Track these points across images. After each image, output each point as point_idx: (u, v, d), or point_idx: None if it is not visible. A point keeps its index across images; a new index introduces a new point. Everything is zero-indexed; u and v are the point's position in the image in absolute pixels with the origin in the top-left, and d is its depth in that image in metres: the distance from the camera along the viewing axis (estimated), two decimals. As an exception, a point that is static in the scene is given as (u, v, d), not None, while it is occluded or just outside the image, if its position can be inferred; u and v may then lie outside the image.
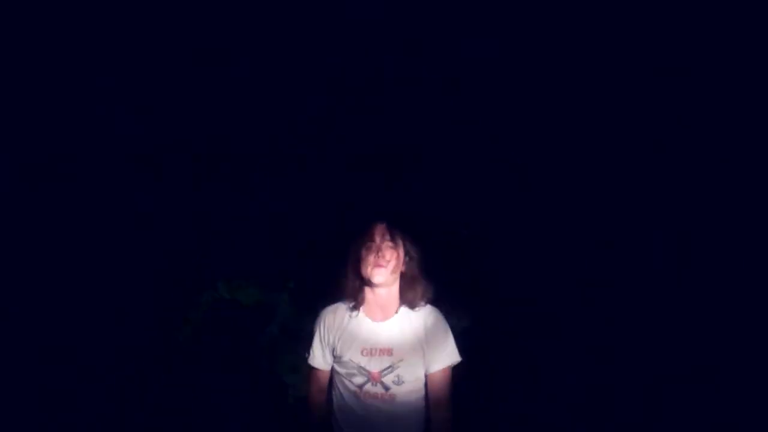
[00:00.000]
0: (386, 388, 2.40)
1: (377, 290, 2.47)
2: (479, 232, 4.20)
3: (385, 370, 2.41)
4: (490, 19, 4.31)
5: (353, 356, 2.44)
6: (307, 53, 4.39)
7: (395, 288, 2.48)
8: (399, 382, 2.40)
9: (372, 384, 2.41)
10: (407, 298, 2.50)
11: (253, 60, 4.40)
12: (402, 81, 4.38)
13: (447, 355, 2.47)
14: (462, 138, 4.32)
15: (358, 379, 2.43)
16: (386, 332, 2.44)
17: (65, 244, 4.28)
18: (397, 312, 2.48)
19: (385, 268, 2.42)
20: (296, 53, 4.40)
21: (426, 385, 2.48)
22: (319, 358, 2.54)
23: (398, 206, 4.19)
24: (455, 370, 2.54)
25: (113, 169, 4.36)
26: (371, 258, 2.43)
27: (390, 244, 2.44)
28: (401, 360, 2.41)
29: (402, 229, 2.51)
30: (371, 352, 2.42)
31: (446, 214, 4.14)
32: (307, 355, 2.58)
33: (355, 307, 2.50)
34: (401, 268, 2.48)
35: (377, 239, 2.44)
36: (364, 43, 4.34)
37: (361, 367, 2.43)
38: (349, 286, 2.50)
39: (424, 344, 2.43)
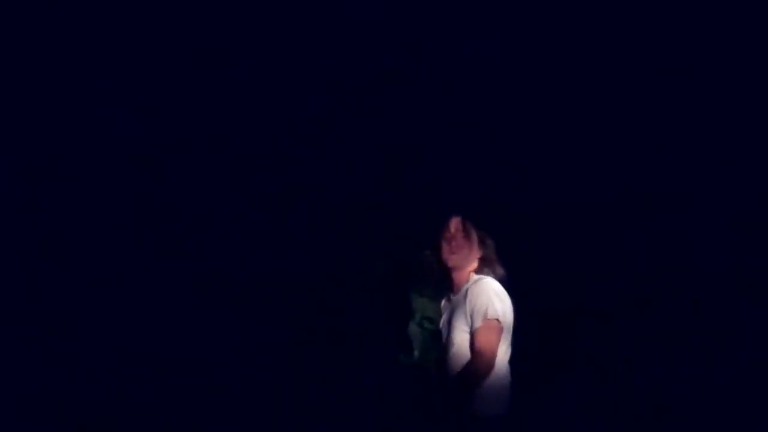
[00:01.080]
0: (447, 351, 2.85)
1: (454, 273, 2.92)
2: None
3: (448, 335, 2.86)
4: (490, 19, 4.33)
5: (443, 329, 2.92)
6: (307, 53, 4.40)
7: (471, 270, 2.91)
8: (452, 344, 2.84)
9: (446, 349, 2.86)
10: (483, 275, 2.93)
11: (253, 60, 4.41)
12: (402, 81, 4.39)
13: (483, 313, 2.80)
14: (462, 138, 4.33)
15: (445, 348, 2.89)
16: (452, 304, 2.92)
17: (65, 244, 4.28)
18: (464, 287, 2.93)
19: (457, 254, 2.88)
20: (296, 53, 4.41)
21: None
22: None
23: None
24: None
25: (113, 169, 4.35)
26: (446, 246, 2.88)
27: (462, 234, 2.89)
28: (454, 325, 2.85)
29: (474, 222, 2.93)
30: (444, 322, 2.91)
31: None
32: None
33: (445, 292, 2.97)
34: (478, 254, 2.92)
35: (452, 230, 2.89)
36: (364, 43, 4.36)
37: (443, 336, 2.89)
38: (437, 274, 2.95)
39: (466, 307, 2.83)
